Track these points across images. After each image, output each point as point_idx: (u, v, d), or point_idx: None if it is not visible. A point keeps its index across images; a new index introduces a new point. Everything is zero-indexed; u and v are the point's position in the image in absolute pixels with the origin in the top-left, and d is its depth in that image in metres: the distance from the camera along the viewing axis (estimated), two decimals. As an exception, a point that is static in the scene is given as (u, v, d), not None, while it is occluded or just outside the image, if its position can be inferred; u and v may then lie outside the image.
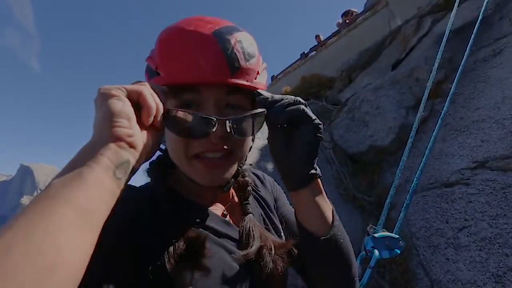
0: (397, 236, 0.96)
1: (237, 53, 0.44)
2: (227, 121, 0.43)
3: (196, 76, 0.43)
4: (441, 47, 2.04)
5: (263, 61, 0.52)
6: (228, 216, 0.56)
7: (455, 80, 1.77)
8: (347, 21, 6.99)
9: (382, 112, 2.89)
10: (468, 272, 1.28)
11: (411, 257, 1.62)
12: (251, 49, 0.46)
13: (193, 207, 0.51)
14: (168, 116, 0.41)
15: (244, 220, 0.54)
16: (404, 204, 1.15)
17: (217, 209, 0.55)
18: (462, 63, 1.87)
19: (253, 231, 0.52)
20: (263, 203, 0.63)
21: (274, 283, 0.51)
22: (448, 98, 1.57)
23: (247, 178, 0.59)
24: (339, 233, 0.52)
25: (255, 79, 0.48)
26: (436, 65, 1.83)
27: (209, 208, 0.53)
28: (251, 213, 0.57)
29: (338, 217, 0.54)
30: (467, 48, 1.94)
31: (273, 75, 9.60)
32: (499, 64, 2.17)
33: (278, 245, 0.53)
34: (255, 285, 0.51)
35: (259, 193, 0.64)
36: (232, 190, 0.60)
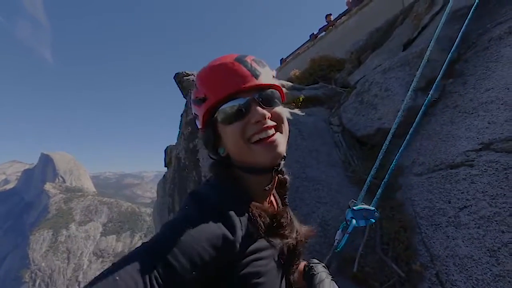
0: (373, 208, 1.09)
1: (256, 67, 0.60)
2: (255, 97, 0.58)
3: (235, 87, 0.58)
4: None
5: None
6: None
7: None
8: (358, -2, 6.71)
9: (391, 94, 2.88)
10: (465, 247, 1.36)
11: (414, 235, 1.70)
12: (263, 63, 0.63)
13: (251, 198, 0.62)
14: (219, 113, 0.59)
15: (286, 212, 0.66)
16: (382, 183, 1.24)
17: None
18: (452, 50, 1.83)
19: (291, 222, 0.66)
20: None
21: (299, 261, 0.69)
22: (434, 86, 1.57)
23: (286, 176, 0.69)
24: None
25: (274, 79, 0.64)
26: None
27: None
28: (288, 205, 0.71)
29: None
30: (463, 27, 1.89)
31: (282, 58, 9.45)
32: (513, 43, 2.11)
33: (306, 233, 0.70)
34: (287, 272, 0.67)
35: None
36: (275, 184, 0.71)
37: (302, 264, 0.78)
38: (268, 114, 0.58)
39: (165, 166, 5.42)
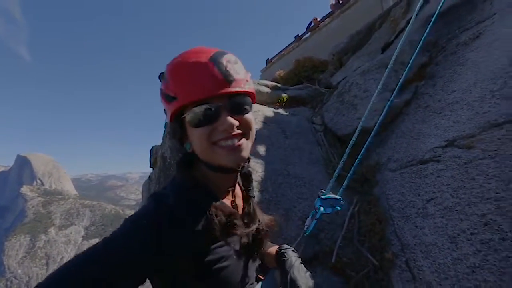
0: (339, 197, 1.20)
1: (230, 70, 0.60)
2: (225, 104, 0.59)
3: (206, 92, 0.58)
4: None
5: (246, 70, 0.67)
6: (236, 205, 0.73)
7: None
8: (341, 1, 6.92)
9: (369, 95, 3.02)
10: (431, 236, 1.48)
11: (388, 227, 1.82)
12: (238, 65, 0.62)
13: (212, 198, 0.66)
14: (188, 115, 0.59)
15: (249, 204, 0.73)
16: (348, 175, 1.37)
17: (228, 200, 0.71)
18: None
19: (254, 212, 0.73)
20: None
21: (261, 247, 0.75)
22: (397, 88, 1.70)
23: (250, 169, 0.75)
24: None
25: (247, 83, 0.64)
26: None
27: (222, 200, 0.68)
28: (253, 196, 0.76)
29: None
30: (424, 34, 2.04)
31: (268, 59, 9.56)
32: (476, 48, 2.29)
33: (267, 222, 0.76)
34: (251, 258, 0.73)
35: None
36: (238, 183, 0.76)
37: (275, 248, 0.85)
38: (236, 123, 0.60)
39: (151, 166, 5.36)
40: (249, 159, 0.67)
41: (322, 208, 1.17)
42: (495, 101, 1.67)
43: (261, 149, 2.52)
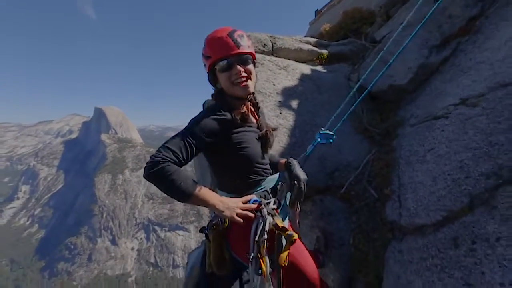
0: (332, 133, 1.65)
1: (239, 40, 1.17)
2: (236, 59, 1.16)
3: (225, 53, 1.15)
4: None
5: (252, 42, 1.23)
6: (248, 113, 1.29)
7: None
8: None
9: (405, 52, 3.03)
10: (421, 177, 1.83)
11: (393, 171, 2.19)
12: (244, 37, 1.20)
13: (233, 108, 1.22)
14: (217, 66, 1.19)
15: (260, 117, 1.31)
16: (334, 129, 1.75)
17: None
18: None
19: (264, 122, 1.29)
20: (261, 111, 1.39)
21: (270, 146, 1.30)
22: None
23: (257, 101, 1.33)
24: None
25: (249, 48, 1.20)
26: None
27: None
28: (261, 115, 1.35)
29: None
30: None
31: (317, 9, 9.05)
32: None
33: (272, 127, 1.32)
34: (264, 145, 1.28)
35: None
36: (250, 105, 1.33)
37: (285, 159, 1.42)
38: (242, 70, 1.17)
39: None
40: (253, 93, 1.27)
41: (319, 139, 1.65)
42: (511, 61, 1.76)
43: (294, 103, 2.93)
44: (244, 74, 1.17)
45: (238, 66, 1.16)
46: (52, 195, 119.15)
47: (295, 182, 1.28)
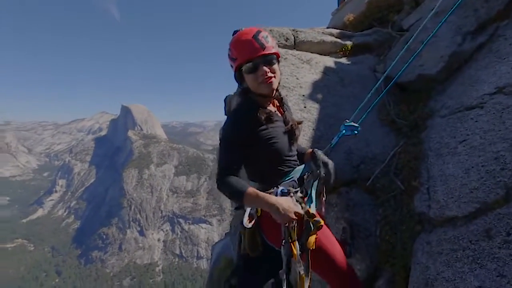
0: (357, 125, 1.66)
1: (263, 42, 1.22)
2: (262, 61, 1.22)
3: (251, 55, 1.22)
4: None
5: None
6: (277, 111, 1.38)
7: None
8: None
9: (436, 40, 2.90)
10: (452, 169, 1.78)
11: (422, 164, 2.14)
12: (268, 38, 1.26)
13: (259, 106, 1.30)
14: (244, 68, 1.26)
15: (285, 111, 1.38)
16: (359, 121, 1.74)
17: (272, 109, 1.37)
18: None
19: (289, 116, 1.36)
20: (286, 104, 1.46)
21: (297, 139, 1.38)
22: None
23: (282, 96, 1.40)
24: None
25: (274, 48, 1.26)
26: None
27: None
28: (287, 109, 1.41)
29: None
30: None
31: (340, -1, 8.77)
32: None
33: (297, 121, 1.39)
34: (291, 138, 1.35)
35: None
36: (275, 101, 1.40)
37: (310, 150, 1.47)
38: (268, 70, 1.23)
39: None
40: (277, 89, 1.33)
41: (344, 131, 1.67)
42: (555, 46, 1.65)
43: (318, 97, 2.93)
44: (270, 74, 1.23)
45: (264, 67, 1.22)
46: (85, 189, 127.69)
47: (323, 166, 1.36)
